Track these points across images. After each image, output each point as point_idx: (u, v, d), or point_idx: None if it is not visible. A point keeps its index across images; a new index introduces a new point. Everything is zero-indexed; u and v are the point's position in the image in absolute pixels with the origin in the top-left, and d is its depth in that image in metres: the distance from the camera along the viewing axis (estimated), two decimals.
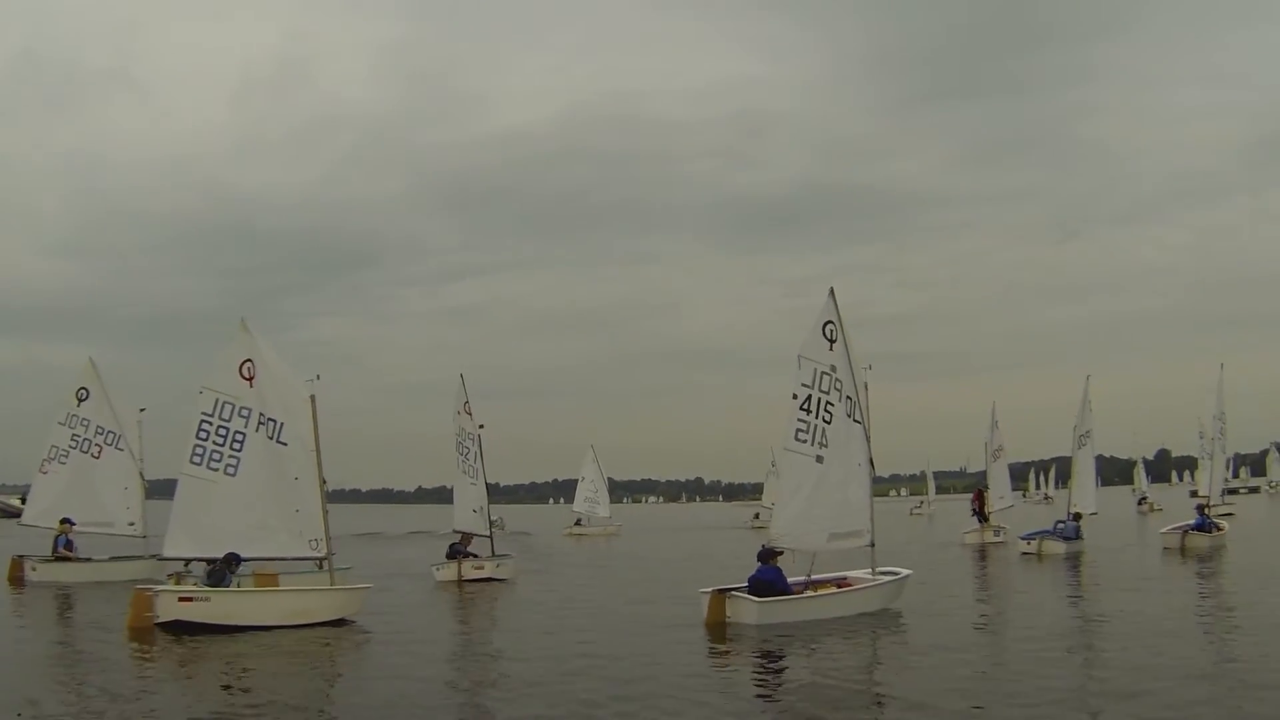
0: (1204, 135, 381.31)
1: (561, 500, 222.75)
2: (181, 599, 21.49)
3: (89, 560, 34.04)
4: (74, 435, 34.89)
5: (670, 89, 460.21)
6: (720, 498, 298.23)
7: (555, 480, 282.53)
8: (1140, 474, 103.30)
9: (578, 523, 75.28)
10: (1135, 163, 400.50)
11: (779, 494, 25.40)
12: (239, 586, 23.47)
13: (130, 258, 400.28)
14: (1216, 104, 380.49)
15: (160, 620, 21.03)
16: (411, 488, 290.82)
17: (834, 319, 24.05)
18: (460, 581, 32.87)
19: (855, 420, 24.30)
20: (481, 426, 36.89)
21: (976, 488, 55.14)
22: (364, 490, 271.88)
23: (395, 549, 54.12)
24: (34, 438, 36.14)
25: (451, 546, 35.07)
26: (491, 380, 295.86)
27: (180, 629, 20.81)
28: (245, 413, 23.40)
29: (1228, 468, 60.44)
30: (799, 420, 23.65)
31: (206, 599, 21.58)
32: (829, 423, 23.78)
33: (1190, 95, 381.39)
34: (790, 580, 22.80)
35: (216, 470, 23.17)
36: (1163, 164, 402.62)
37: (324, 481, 23.89)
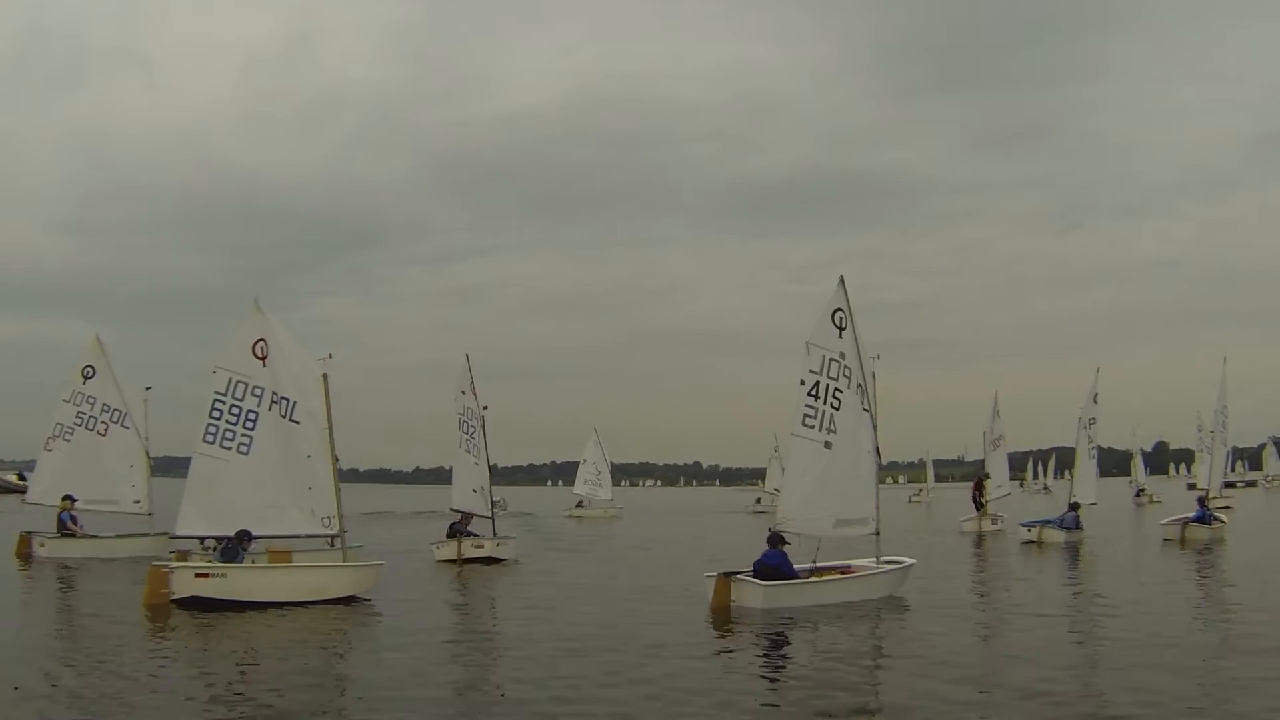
0: (1207, 130, 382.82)
1: (560, 483, 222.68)
2: (198, 575, 21.69)
3: (96, 537, 34.16)
4: (79, 413, 35.02)
5: (676, 72, 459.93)
6: (717, 482, 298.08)
7: (553, 462, 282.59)
8: (1138, 466, 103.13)
9: (579, 504, 75.38)
10: (1138, 156, 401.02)
11: (786, 479, 25.47)
12: (252, 563, 23.65)
13: (133, 235, 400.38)
14: (1220, 100, 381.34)
15: (176, 596, 21.22)
16: (409, 468, 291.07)
17: (844, 307, 24.05)
18: (460, 560, 33.07)
19: (864, 408, 24.38)
20: (485, 408, 37.01)
21: (977, 476, 55.16)
22: (361, 470, 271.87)
23: (403, 528, 54.40)
24: (35, 414, 36.26)
25: (451, 526, 35.33)
26: (491, 361, 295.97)
27: (196, 605, 21.02)
28: (258, 392, 23.61)
29: (1227, 461, 60.45)
30: (807, 406, 23.67)
31: (223, 575, 21.79)
32: (838, 409, 23.81)
33: (1193, 91, 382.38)
34: (796, 567, 22.90)
35: (229, 449, 23.39)
36: (1166, 158, 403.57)
37: (336, 459, 24.08)
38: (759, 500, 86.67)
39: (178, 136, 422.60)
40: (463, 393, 36.50)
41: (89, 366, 35.30)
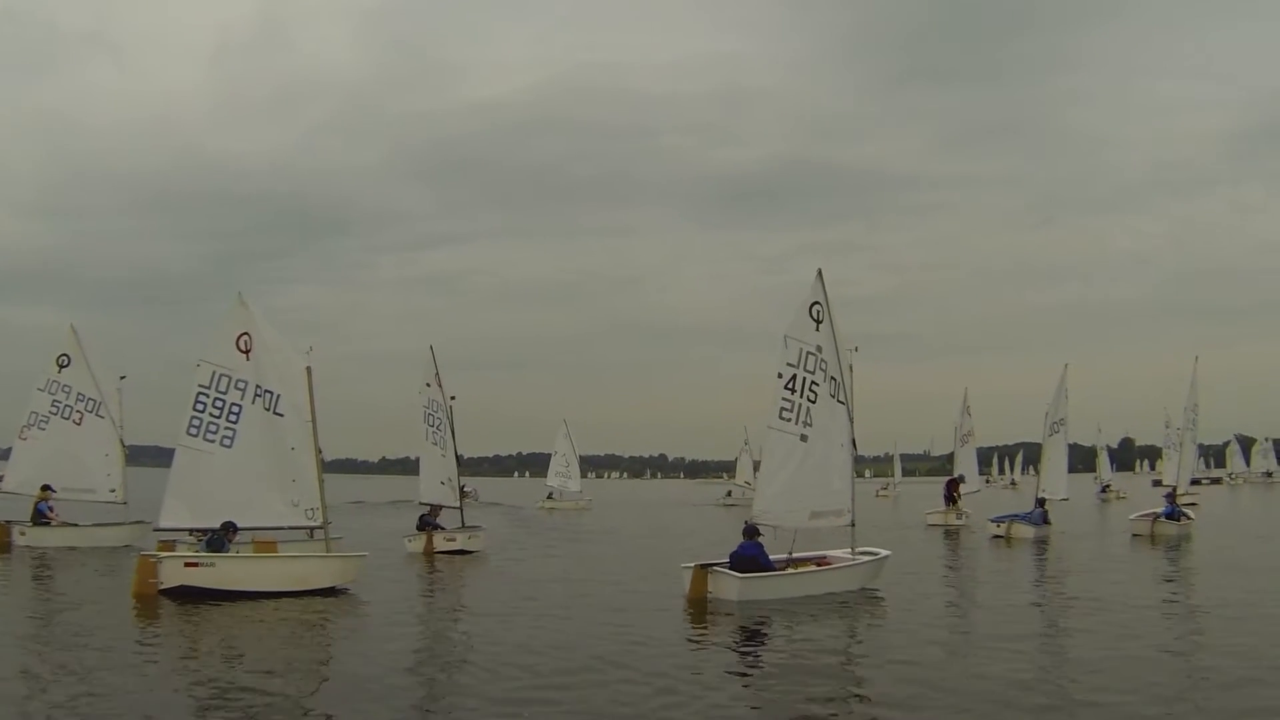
0: (1186, 126, 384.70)
1: (527, 474, 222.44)
2: (188, 564, 21.85)
3: (75, 525, 34.31)
4: (55, 401, 35.10)
5: (651, 63, 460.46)
6: (682, 475, 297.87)
7: (519, 454, 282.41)
8: (1103, 462, 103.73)
9: (550, 496, 75.55)
10: (1115, 151, 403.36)
11: (761, 471, 25.65)
12: (237, 553, 23.76)
13: (103, 220, 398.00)
14: (1199, 96, 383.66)
15: (164, 586, 21.35)
16: (375, 458, 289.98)
17: (821, 300, 24.25)
18: (431, 552, 33.34)
19: (839, 401, 24.61)
20: (453, 398, 37.27)
21: (951, 477, 55.40)
22: (328, 460, 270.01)
23: (377, 518, 54.73)
24: (4, 399, 36.21)
25: (421, 518, 35.70)
26: (459, 350, 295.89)
27: (184, 594, 21.13)
28: (241, 385, 23.74)
29: (1197, 458, 61.16)
30: (783, 399, 23.88)
31: (212, 564, 21.92)
32: (814, 402, 24.04)
33: (1173, 86, 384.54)
34: (771, 558, 23.14)
35: (213, 442, 23.51)
36: (1143, 154, 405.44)
37: (320, 452, 24.24)
38: (730, 493, 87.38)
39: (149, 121, 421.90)
40: (427, 385, 36.80)
41: (64, 355, 35.36)
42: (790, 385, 23.93)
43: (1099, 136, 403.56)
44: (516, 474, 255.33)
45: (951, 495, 51.35)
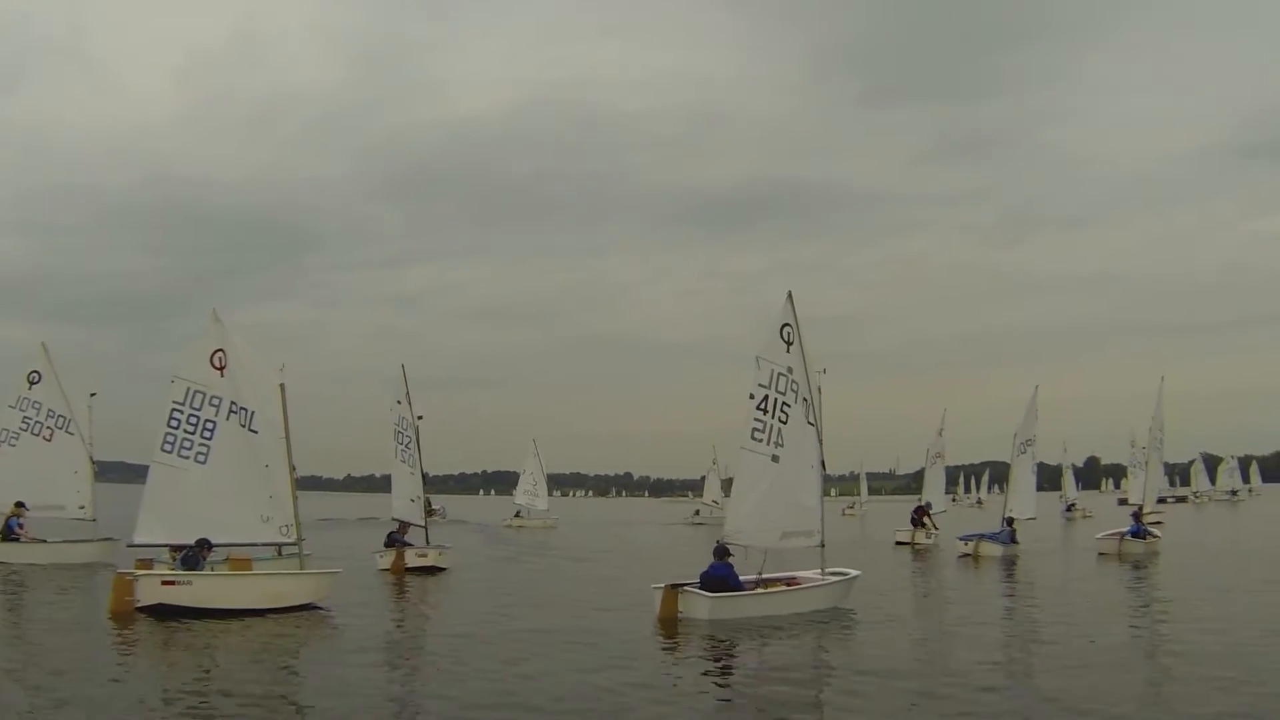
0: (1155, 142, 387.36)
1: (493, 491, 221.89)
2: (164, 582, 21.84)
3: (44, 542, 34.20)
4: (25, 418, 35.06)
5: (624, 80, 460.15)
6: (646, 493, 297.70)
7: (484, 471, 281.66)
8: (1069, 481, 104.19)
9: (517, 514, 75.56)
10: (1086, 167, 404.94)
11: (734, 491, 25.80)
12: (213, 571, 23.77)
13: (71, 235, 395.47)
14: (1169, 112, 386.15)
15: (142, 604, 21.35)
16: (340, 475, 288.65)
17: (791, 322, 24.53)
18: (401, 569, 33.46)
19: (810, 422, 24.83)
20: (420, 418, 37.41)
21: (919, 504, 55.46)
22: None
23: (348, 534, 54.58)
24: None
25: (390, 535, 35.78)
26: (428, 368, 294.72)
27: (161, 612, 21.13)
28: (216, 401, 23.74)
29: (1164, 476, 61.61)
30: (755, 420, 24.11)
31: (189, 582, 21.93)
32: (785, 423, 24.28)
33: (1143, 103, 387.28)
34: (741, 578, 23.24)
35: (187, 458, 23.47)
36: (1113, 169, 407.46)
37: (293, 468, 24.27)
38: (698, 512, 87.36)
39: (121, 135, 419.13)
40: (398, 402, 37.03)
41: (35, 372, 35.38)
42: (762, 406, 24.15)
43: (1069, 152, 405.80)
44: (482, 491, 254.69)
45: (920, 520, 51.63)
